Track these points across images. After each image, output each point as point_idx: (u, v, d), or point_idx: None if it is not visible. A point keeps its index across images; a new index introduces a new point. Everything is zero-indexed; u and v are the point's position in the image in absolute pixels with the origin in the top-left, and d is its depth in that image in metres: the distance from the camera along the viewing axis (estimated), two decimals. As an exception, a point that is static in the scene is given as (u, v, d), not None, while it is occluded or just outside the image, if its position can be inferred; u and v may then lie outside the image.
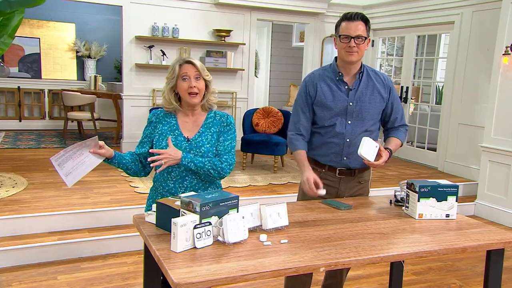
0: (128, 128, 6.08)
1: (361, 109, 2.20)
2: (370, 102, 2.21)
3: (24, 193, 4.03)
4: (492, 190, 4.57)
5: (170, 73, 1.97)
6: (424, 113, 6.57)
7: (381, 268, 3.23)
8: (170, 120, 2.01)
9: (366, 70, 2.24)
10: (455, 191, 1.96)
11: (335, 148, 2.23)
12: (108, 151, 1.93)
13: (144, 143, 2.06)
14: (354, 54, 2.13)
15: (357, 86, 2.21)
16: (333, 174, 2.27)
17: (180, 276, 1.32)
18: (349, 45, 2.11)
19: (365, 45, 2.14)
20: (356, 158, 2.21)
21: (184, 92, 1.94)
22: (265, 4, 6.36)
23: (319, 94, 2.22)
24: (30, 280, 2.89)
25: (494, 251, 1.79)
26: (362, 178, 2.33)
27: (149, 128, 2.05)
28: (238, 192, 4.37)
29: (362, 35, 2.11)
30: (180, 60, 1.97)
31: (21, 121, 7.91)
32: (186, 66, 1.94)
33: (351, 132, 2.21)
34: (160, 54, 6.05)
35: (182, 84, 1.93)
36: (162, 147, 1.95)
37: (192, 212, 1.57)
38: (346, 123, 2.21)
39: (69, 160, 1.88)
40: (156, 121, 2.03)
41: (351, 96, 2.20)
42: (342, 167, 2.25)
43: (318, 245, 1.62)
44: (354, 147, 2.20)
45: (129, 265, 3.15)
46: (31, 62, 8.08)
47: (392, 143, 2.27)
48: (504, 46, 4.38)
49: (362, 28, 2.12)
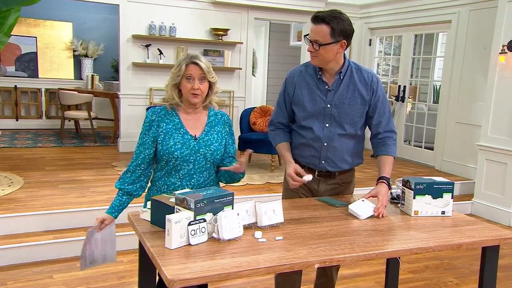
0: (125, 127, 6.07)
1: (340, 112, 2.06)
2: (350, 104, 2.06)
3: (20, 192, 4.01)
4: (489, 188, 4.58)
5: (176, 70, 1.95)
6: (421, 112, 6.58)
7: (378, 266, 3.23)
8: (173, 118, 1.98)
9: (350, 69, 2.07)
10: (451, 188, 1.96)
11: (312, 151, 2.13)
12: (108, 218, 1.98)
13: (147, 143, 1.95)
14: (314, 58, 2.01)
15: (337, 87, 2.06)
16: (312, 175, 2.17)
17: (174, 273, 1.31)
18: (308, 49, 1.99)
19: (326, 50, 1.95)
20: (335, 162, 2.13)
21: (187, 92, 1.94)
22: (262, 3, 6.35)
23: (296, 93, 2.12)
24: (26, 279, 2.88)
25: (490, 247, 1.79)
26: (344, 180, 2.23)
27: (151, 127, 1.95)
28: (235, 191, 4.33)
29: (319, 40, 1.94)
30: (187, 59, 1.94)
31: (18, 120, 7.89)
32: (192, 67, 1.92)
33: (329, 136, 2.08)
34: (157, 53, 6.04)
35: (186, 84, 1.93)
36: (170, 146, 1.92)
37: (186, 209, 1.56)
38: (323, 126, 2.08)
39: (93, 253, 1.96)
40: (158, 119, 1.97)
41: (329, 98, 2.06)
42: (321, 169, 2.16)
43: (313, 241, 1.62)
44: (333, 152, 2.11)
45: (125, 264, 3.14)
46: (28, 61, 8.06)
47: (386, 168, 2.06)
48: (500, 45, 4.38)
49: (324, 33, 1.93)
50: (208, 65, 1.95)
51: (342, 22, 1.95)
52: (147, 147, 1.96)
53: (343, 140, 2.11)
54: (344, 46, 1.99)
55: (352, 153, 2.17)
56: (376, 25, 6.88)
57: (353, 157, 2.18)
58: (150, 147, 1.96)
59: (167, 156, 1.93)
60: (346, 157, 2.15)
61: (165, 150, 1.93)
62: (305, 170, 2.14)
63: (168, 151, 1.93)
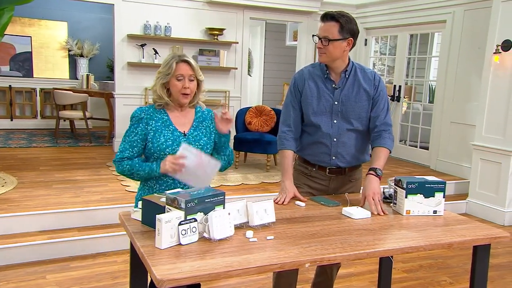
0: (121, 127, 6.04)
1: (346, 108, 2.16)
2: (356, 101, 2.16)
3: (13, 192, 3.99)
4: (484, 188, 4.59)
5: (164, 68, 1.94)
6: (416, 112, 6.59)
7: (372, 266, 3.24)
8: (161, 116, 1.98)
9: (354, 68, 2.18)
10: (442, 187, 1.96)
11: (323, 148, 2.20)
12: (163, 166, 1.89)
13: (135, 141, 1.94)
14: (322, 55, 2.10)
15: (343, 85, 2.16)
16: (323, 173, 2.25)
17: (163, 273, 1.31)
18: (318, 46, 2.09)
19: (334, 47, 2.06)
20: (345, 158, 2.21)
21: (177, 92, 1.94)
22: (257, 3, 6.35)
23: (305, 91, 2.19)
24: (18, 280, 2.86)
25: (480, 246, 1.79)
26: (353, 176, 2.31)
27: (139, 125, 1.94)
28: (230, 190, 4.37)
29: (329, 36, 2.05)
30: (176, 57, 1.93)
31: (13, 120, 7.86)
32: (182, 66, 1.92)
33: (337, 131, 2.17)
34: (152, 52, 6.03)
35: (176, 84, 1.93)
36: (161, 144, 1.92)
37: (177, 208, 1.56)
38: (332, 122, 2.17)
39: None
40: (147, 117, 1.96)
41: (336, 95, 2.16)
42: (332, 166, 2.23)
43: (305, 241, 1.61)
44: (343, 147, 2.19)
45: (119, 264, 3.13)
46: (23, 60, 8.02)
47: (377, 159, 2.12)
48: (495, 45, 4.40)
49: (333, 29, 2.05)
50: (196, 64, 1.98)
51: (350, 21, 2.08)
52: (135, 145, 1.95)
53: (351, 135, 2.20)
54: (351, 44, 2.10)
55: (360, 149, 2.25)
56: (371, 25, 6.88)
57: (361, 153, 2.27)
58: (139, 145, 1.96)
59: (158, 154, 1.93)
60: (355, 152, 2.23)
61: (156, 147, 1.93)
62: (316, 168, 2.25)
63: (159, 148, 1.92)
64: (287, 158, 2.20)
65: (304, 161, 2.30)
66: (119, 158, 1.95)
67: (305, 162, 2.29)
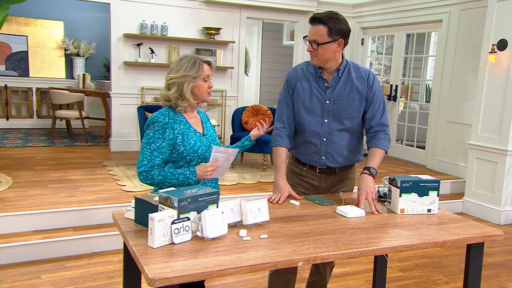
0: (117, 127, 6.04)
1: (338, 108, 2.13)
2: (348, 100, 2.12)
3: (8, 191, 3.98)
4: (480, 187, 4.60)
5: (193, 72, 1.93)
6: (413, 111, 6.60)
7: (367, 265, 3.24)
8: (180, 119, 1.97)
9: (348, 67, 2.14)
10: (436, 186, 1.96)
11: (312, 148, 2.19)
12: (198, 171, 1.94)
13: (164, 147, 1.89)
14: (314, 58, 2.08)
15: (335, 84, 2.13)
16: (314, 173, 2.24)
17: (155, 272, 1.30)
18: (308, 49, 2.07)
19: (324, 50, 2.02)
20: (335, 158, 2.19)
21: (204, 92, 1.98)
22: (254, 2, 6.35)
23: (298, 88, 2.17)
24: (13, 280, 2.85)
25: (474, 245, 1.79)
26: (345, 176, 2.28)
27: (166, 131, 1.90)
28: (227, 190, 4.36)
29: (318, 40, 2.01)
30: (198, 59, 1.96)
31: (9, 119, 7.83)
32: (207, 67, 1.98)
33: (327, 131, 2.15)
34: (149, 52, 6.02)
35: (203, 84, 1.97)
36: (193, 145, 1.93)
37: (170, 207, 1.55)
38: (322, 121, 2.15)
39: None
40: (171, 122, 1.93)
41: (328, 94, 2.13)
42: (321, 166, 2.22)
43: (298, 240, 1.61)
44: (332, 147, 2.17)
45: (114, 264, 3.12)
46: (19, 60, 7.99)
47: (372, 159, 2.10)
48: (490, 44, 4.40)
49: (321, 33, 2.01)
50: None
51: (338, 22, 2.03)
52: (164, 151, 1.91)
53: (342, 135, 2.17)
54: (342, 45, 2.06)
55: (352, 149, 2.22)
56: (368, 24, 6.89)
57: (352, 153, 2.23)
58: (168, 150, 1.92)
59: (191, 156, 1.94)
60: (346, 152, 2.20)
61: (189, 150, 1.93)
62: (307, 167, 2.24)
63: (193, 150, 1.94)
64: (279, 155, 2.18)
65: (296, 160, 2.29)
66: (149, 167, 1.88)
67: (297, 161, 2.29)
